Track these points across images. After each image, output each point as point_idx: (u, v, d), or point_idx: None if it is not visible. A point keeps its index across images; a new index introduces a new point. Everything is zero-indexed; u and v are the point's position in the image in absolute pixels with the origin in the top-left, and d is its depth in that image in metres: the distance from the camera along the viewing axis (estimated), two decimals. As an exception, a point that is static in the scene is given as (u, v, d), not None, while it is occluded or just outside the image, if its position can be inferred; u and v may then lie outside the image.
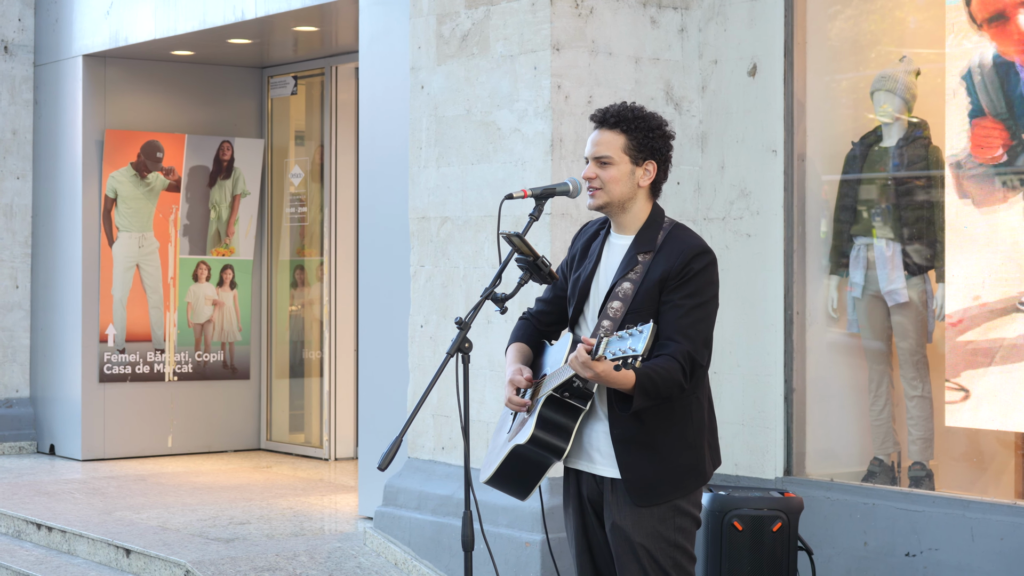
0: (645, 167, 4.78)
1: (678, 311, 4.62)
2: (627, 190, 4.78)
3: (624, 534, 4.70)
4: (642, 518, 4.68)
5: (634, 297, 4.68)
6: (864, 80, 7.53)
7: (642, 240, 4.77)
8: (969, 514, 6.53)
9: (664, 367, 4.54)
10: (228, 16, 10.37)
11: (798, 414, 7.37)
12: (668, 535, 4.70)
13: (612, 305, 4.70)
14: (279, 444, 12.20)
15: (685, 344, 4.58)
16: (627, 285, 4.71)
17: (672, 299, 4.64)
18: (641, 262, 4.73)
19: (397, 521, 7.88)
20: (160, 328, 11.92)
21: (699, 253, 4.70)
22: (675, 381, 4.56)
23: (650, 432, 4.65)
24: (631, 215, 4.81)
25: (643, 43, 7.49)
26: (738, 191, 7.50)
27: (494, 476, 4.83)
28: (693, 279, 4.66)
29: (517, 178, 7.34)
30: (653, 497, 4.67)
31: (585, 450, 4.77)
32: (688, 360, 4.58)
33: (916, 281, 7.28)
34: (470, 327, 4.78)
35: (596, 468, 4.76)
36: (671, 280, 4.66)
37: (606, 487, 4.75)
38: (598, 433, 4.75)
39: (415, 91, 7.97)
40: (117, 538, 8.37)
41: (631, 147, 4.77)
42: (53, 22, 12.11)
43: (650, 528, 4.68)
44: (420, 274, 7.93)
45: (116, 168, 11.72)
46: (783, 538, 6.35)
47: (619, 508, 4.71)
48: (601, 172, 4.78)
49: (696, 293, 4.66)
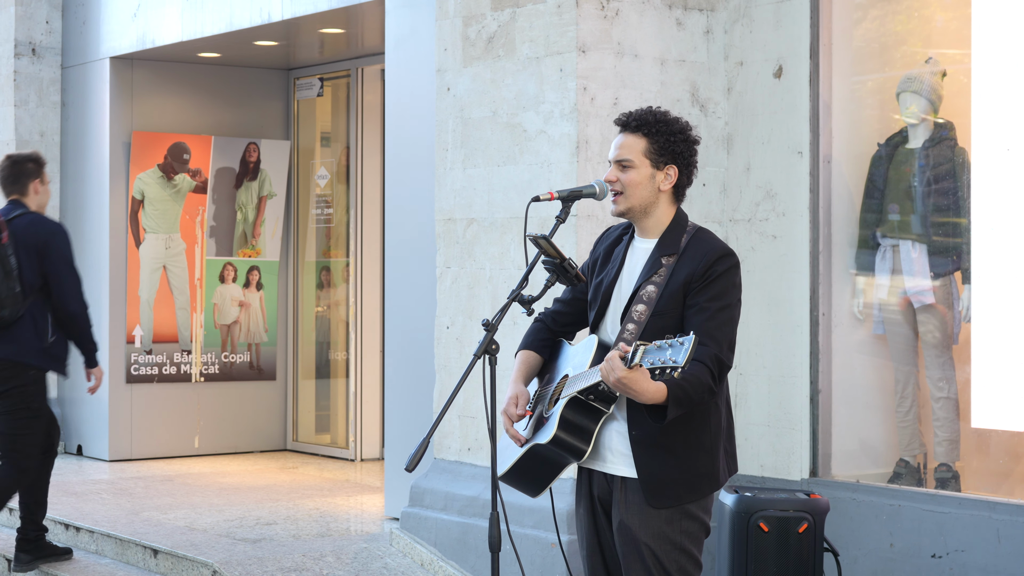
0: (666, 171, 4.79)
1: (704, 314, 4.62)
2: (647, 194, 4.79)
3: (631, 534, 4.71)
4: (649, 519, 4.69)
5: (658, 300, 4.68)
6: (890, 81, 7.53)
7: (665, 243, 4.78)
8: (995, 516, 6.52)
9: (694, 374, 4.53)
10: (255, 18, 10.41)
11: (824, 415, 7.36)
12: (674, 538, 4.71)
13: (636, 308, 4.71)
14: (305, 445, 12.24)
15: (712, 347, 4.58)
16: (651, 288, 4.72)
17: (697, 302, 4.65)
18: (665, 265, 4.74)
19: (423, 522, 7.90)
20: (187, 329, 11.96)
21: (722, 256, 4.71)
22: (705, 386, 4.57)
23: (669, 435, 4.66)
24: (654, 219, 4.83)
25: (669, 45, 7.50)
26: (764, 192, 7.50)
27: (509, 472, 4.85)
28: (716, 281, 4.67)
29: (543, 180, 7.35)
30: (667, 499, 4.68)
31: (598, 449, 4.79)
32: (716, 363, 4.58)
33: (942, 282, 7.27)
34: (497, 329, 4.79)
35: (608, 467, 4.78)
36: (695, 283, 4.66)
37: (616, 486, 4.76)
38: (612, 433, 4.76)
39: (441, 93, 7.98)
40: (145, 538, 8.40)
41: (652, 151, 4.78)
42: (80, 24, 12.16)
43: (656, 529, 4.69)
44: (446, 275, 7.95)
45: (143, 170, 11.77)
46: (809, 539, 6.35)
47: (627, 507, 4.73)
48: (622, 175, 4.79)
49: (720, 295, 4.67)
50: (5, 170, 8.25)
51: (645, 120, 4.80)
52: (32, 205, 8.21)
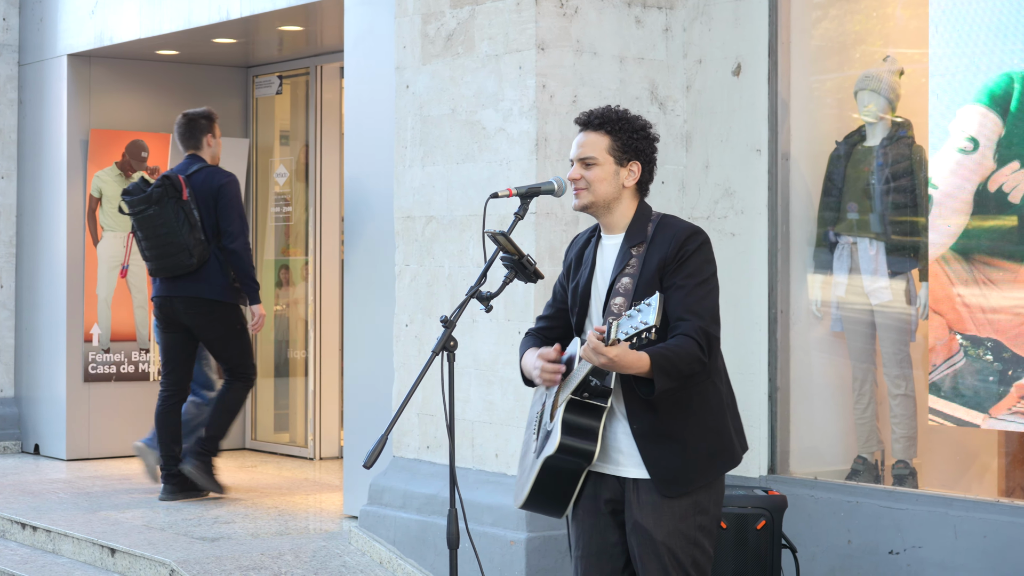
0: (629, 167, 4.85)
1: (682, 291, 4.66)
2: (612, 190, 4.84)
3: (647, 534, 4.72)
4: (663, 516, 4.70)
5: (635, 290, 4.72)
6: (848, 80, 7.56)
7: (633, 235, 4.83)
8: (952, 512, 6.56)
9: (677, 344, 4.58)
10: (213, 16, 10.37)
11: (782, 413, 7.38)
12: (689, 533, 4.73)
13: (615, 302, 4.75)
14: (264, 444, 12.20)
15: (695, 320, 4.61)
16: (626, 280, 4.76)
17: (674, 282, 4.69)
18: (636, 255, 4.78)
19: (382, 520, 7.88)
20: (145, 328, 11.91)
21: (692, 234, 4.77)
22: (693, 356, 4.58)
23: (668, 423, 4.68)
24: (618, 214, 4.87)
25: (628, 43, 7.51)
26: (723, 190, 7.51)
27: (529, 496, 4.81)
28: (690, 259, 4.72)
29: (502, 177, 7.35)
30: (681, 486, 4.70)
31: (607, 452, 4.79)
32: (702, 334, 4.61)
33: (899, 280, 7.31)
34: (455, 326, 4.80)
35: (620, 470, 4.79)
36: (669, 265, 4.71)
37: (628, 488, 4.77)
38: (617, 433, 4.77)
39: (400, 91, 7.98)
40: (102, 537, 8.36)
41: (615, 148, 4.84)
42: (38, 21, 12.09)
43: (671, 526, 4.71)
44: (405, 273, 7.94)
45: (101, 168, 11.71)
46: (767, 536, 6.36)
47: (640, 507, 4.73)
48: (586, 173, 4.84)
49: (696, 272, 4.71)
50: (182, 127, 9.72)
51: (608, 118, 4.86)
52: (207, 157, 9.62)
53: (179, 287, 9.42)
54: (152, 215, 9.31)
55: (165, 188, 9.33)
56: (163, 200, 9.31)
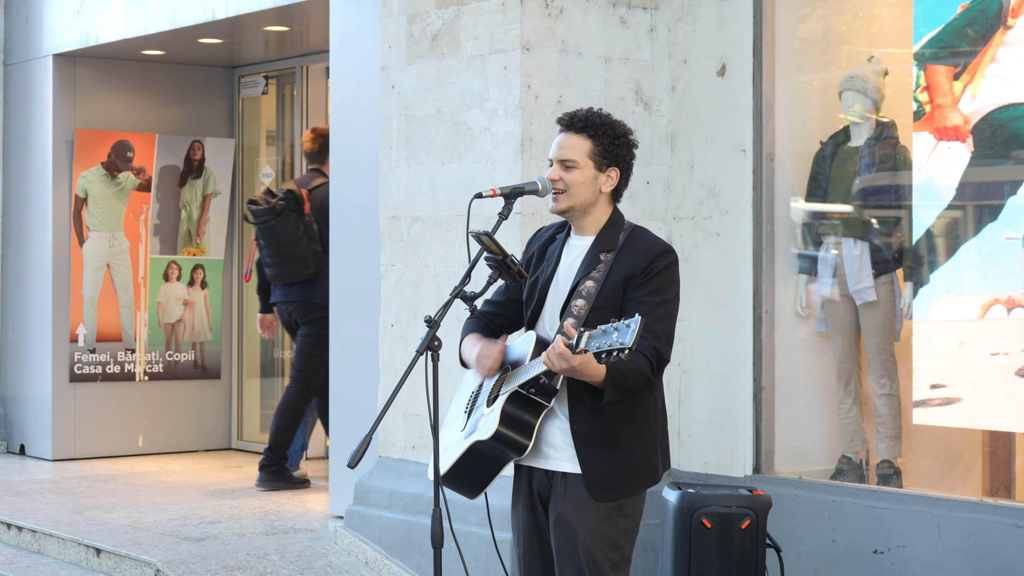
0: (608, 173, 4.87)
1: (643, 307, 4.67)
2: (590, 194, 4.85)
3: (569, 527, 4.74)
4: (588, 513, 4.73)
5: (598, 295, 4.73)
6: (833, 80, 7.57)
7: (603, 240, 4.84)
8: (936, 511, 6.57)
9: (634, 362, 4.59)
10: (199, 16, 10.37)
11: (767, 412, 7.39)
12: (610, 534, 4.76)
13: (575, 303, 4.76)
14: (250, 444, 12.19)
15: (651, 340, 4.63)
16: (590, 283, 4.77)
17: (637, 296, 4.70)
18: (604, 261, 4.79)
19: (368, 520, 7.89)
20: (131, 328, 11.90)
21: (662, 252, 4.78)
22: (643, 375, 4.62)
23: (610, 428, 4.72)
24: (592, 218, 4.89)
25: (613, 43, 7.51)
26: (707, 190, 7.52)
27: (448, 473, 4.85)
28: (657, 276, 4.74)
29: (487, 177, 7.35)
30: (611, 492, 4.73)
31: (538, 447, 4.81)
32: (655, 355, 4.65)
33: (884, 280, 7.32)
34: (439, 325, 4.80)
35: (549, 463, 4.81)
36: (635, 278, 4.72)
37: (556, 481, 4.79)
38: (553, 430, 4.79)
39: (386, 91, 7.98)
40: (88, 538, 8.36)
41: (596, 152, 4.85)
42: (23, 21, 12.08)
43: (594, 525, 4.73)
44: (391, 273, 7.94)
45: (86, 168, 11.70)
46: (752, 535, 6.37)
47: (566, 502, 4.76)
48: (565, 175, 4.85)
49: (660, 290, 4.73)
50: (310, 142, 10.10)
51: (591, 122, 4.86)
52: (328, 173, 9.55)
53: (294, 292, 9.95)
54: (274, 226, 9.74)
55: (288, 202, 9.77)
56: (285, 212, 9.74)
